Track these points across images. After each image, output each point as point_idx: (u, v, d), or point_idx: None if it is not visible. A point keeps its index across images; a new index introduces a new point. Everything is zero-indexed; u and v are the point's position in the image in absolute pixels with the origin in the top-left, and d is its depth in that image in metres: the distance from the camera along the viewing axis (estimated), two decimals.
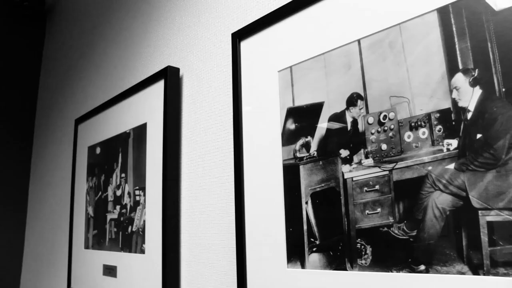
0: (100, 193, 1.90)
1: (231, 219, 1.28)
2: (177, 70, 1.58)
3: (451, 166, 0.80)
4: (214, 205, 1.35)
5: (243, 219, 1.19)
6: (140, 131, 1.67)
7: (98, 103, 2.22)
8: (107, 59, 2.22)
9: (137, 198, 1.63)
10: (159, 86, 1.60)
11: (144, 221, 1.56)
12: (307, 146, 1.06)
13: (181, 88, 1.59)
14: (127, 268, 1.63)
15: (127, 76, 1.98)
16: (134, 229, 1.62)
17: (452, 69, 0.81)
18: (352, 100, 0.98)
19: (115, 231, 1.75)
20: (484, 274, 0.74)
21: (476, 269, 0.75)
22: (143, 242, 1.55)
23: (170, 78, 1.55)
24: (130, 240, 1.64)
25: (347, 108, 0.98)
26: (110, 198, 1.81)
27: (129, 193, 1.69)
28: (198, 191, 1.42)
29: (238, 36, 1.31)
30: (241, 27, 1.36)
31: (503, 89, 0.74)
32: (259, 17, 1.25)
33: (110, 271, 1.73)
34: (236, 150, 1.23)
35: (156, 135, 1.57)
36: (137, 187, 1.64)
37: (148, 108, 1.64)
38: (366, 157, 0.93)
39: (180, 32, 1.64)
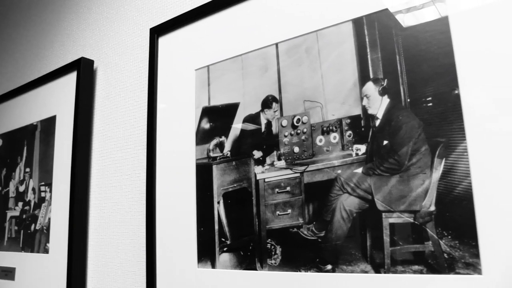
0: (0, 188, 1.72)
1: (142, 218, 1.20)
2: (91, 62, 1.47)
3: (359, 170, 0.80)
4: (125, 203, 1.27)
5: (154, 218, 1.12)
6: (49, 124, 1.53)
7: (2, 92, 2.01)
8: (13, 44, 2.01)
9: (43, 194, 1.49)
10: (71, 77, 1.47)
11: (49, 218, 1.43)
12: (221, 146, 1.02)
13: (95, 81, 1.48)
14: (28, 269, 1.48)
15: (36, 64, 1.81)
16: (37, 227, 1.48)
17: (363, 78, 0.82)
18: (267, 103, 0.96)
19: (15, 229, 1.58)
20: (385, 272, 0.75)
21: (378, 268, 0.76)
22: (47, 241, 1.42)
23: (84, 70, 1.44)
24: (32, 239, 1.49)
25: (262, 110, 0.96)
26: (12, 194, 1.64)
27: (33, 189, 1.54)
28: (109, 188, 1.33)
29: (157, 32, 1.24)
30: (160, 22, 1.28)
31: (408, 100, 0.76)
32: (179, 14, 1.20)
33: (7, 273, 1.56)
34: (149, 148, 1.16)
35: (66, 128, 1.44)
36: (43, 183, 1.50)
37: (58, 100, 1.51)
38: (279, 159, 0.92)
39: (96, 23, 1.53)
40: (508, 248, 0.64)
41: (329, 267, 0.82)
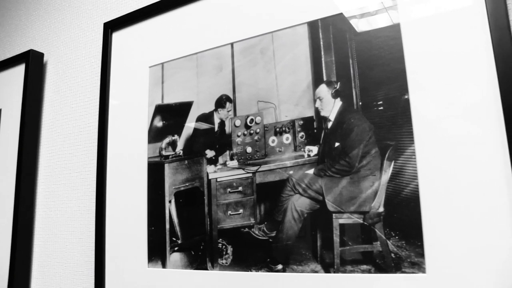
0: None
1: (91, 216, 1.13)
2: (41, 55, 1.37)
3: (311, 171, 0.78)
4: (74, 201, 1.18)
5: (103, 217, 1.06)
6: None
7: None
8: None
9: None
10: (19, 70, 1.36)
11: None
12: (173, 144, 0.97)
13: (45, 75, 1.38)
14: None
15: None
16: None
17: (317, 80, 0.80)
18: (221, 102, 0.92)
19: None
20: (334, 272, 0.73)
21: (328, 268, 0.74)
22: None
23: (33, 63, 1.33)
24: None
25: (216, 110, 0.92)
26: None
27: None
28: (57, 186, 1.24)
29: (111, 27, 1.17)
30: (114, 17, 1.21)
31: (360, 103, 0.75)
32: (135, 10, 1.13)
33: None
34: (100, 145, 1.09)
35: (12, 123, 1.33)
36: None
37: (4, 93, 1.39)
38: (231, 158, 0.88)
39: (47, 15, 1.43)
40: (451, 248, 0.64)
41: (279, 267, 0.79)
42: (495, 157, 0.63)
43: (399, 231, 0.68)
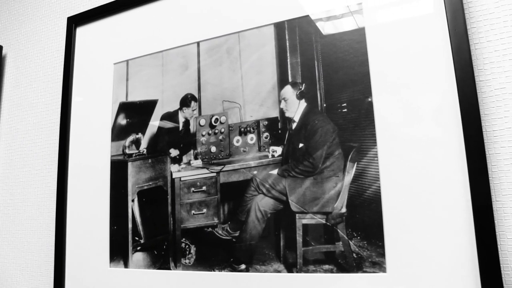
0: None
1: (51, 215, 1.06)
2: None
3: (275, 171, 0.75)
4: (33, 200, 1.11)
5: (64, 216, 0.99)
6: None
7: None
8: None
9: None
10: None
11: None
12: (137, 143, 0.92)
13: (3, 69, 1.28)
14: None
15: None
16: None
17: (282, 81, 0.77)
18: (186, 101, 0.87)
19: None
20: (297, 272, 0.71)
21: (291, 267, 0.72)
22: None
23: None
24: None
25: (181, 108, 0.88)
26: None
27: None
28: (15, 183, 1.16)
29: (74, 21, 1.10)
30: (79, 12, 1.14)
31: (324, 105, 0.73)
32: (99, 5, 1.07)
33: None
34: (61, 142, 1.03)
35: None
36: None
37: None
38: (196, 158, 0.84)
39: (7, 5, 1.33)
40: (411, 248, 0.64)
41: (243, 266, 0.76)
42: (453, 159, 0.63)
43: (361, 231, 0.67)
